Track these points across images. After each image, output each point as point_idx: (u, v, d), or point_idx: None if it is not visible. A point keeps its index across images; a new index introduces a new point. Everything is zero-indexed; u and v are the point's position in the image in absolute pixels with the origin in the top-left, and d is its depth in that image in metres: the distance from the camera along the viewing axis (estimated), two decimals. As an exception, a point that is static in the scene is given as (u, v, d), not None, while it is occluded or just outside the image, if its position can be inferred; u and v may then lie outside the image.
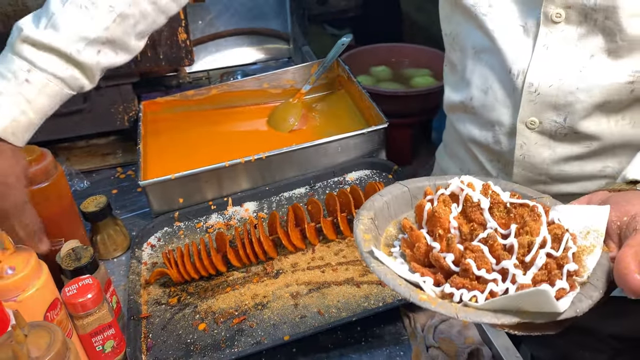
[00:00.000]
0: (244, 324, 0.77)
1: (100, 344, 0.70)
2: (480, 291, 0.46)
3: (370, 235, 0.52)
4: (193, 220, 0.98)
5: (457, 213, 0.51)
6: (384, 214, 0.57)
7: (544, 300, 0.43)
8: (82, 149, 1.18)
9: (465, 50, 0.80)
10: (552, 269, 0.46)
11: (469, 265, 0.46)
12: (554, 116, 0.72)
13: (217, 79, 1.41)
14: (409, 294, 0.46)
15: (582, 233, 0.51)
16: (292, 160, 1.01)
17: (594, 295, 0.47)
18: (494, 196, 0.51)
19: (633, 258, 0.45)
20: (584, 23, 0.66)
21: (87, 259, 0.74)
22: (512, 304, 0.45)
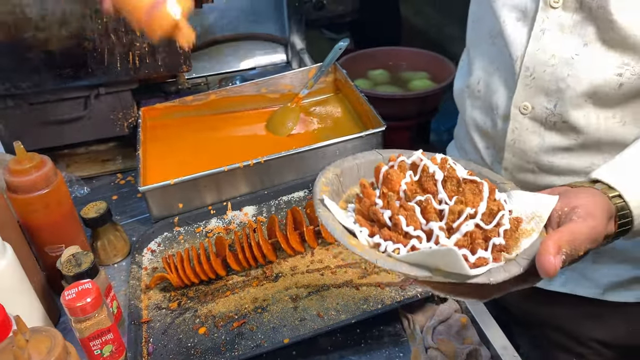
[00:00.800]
0: (244, 327, 0.78)
1: (99, 348, 0.70)
2: (404, 245, 0.49)
3: (330, 188, 0.56)
4: (193, 225, 0.98)
5: (409, 179, 0.53)
6: (352, 174, 0.61)
7: (453, 261, 0.46)
8: (82, 155, 1.19)
9: (481, 33, 0.82)
10: (476, 237, 0.50)
11: (398, 221, 0.50)
12: (545, 102, 0.74)
13: (216, 85, 1.42)
14: (341, 237, 0.50)
15: (528, 218, 0.54)
16: (291, 164, 1.02)
17: (513, 270, 0.49)
18: (449, 170, 0.54)
19: (554, 242, 0.48)
20: (580, 10, 0.68)
21: (87, 265, 0.75)
22: (428, 260, 0.48)
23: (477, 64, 0.83)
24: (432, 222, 0.50)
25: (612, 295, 0.83)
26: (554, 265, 0.47)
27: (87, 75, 1.05)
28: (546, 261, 0.47)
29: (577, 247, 0.49)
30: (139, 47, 1.05)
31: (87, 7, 0.99)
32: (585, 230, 0.50)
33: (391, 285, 0.80)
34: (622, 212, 0.54)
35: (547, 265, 0.47)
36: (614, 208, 0.54)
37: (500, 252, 0.51)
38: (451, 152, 1.03)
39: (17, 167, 0.77)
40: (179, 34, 0.69)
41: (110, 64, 1.05)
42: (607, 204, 0.53)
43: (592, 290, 0.83)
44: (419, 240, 0.49)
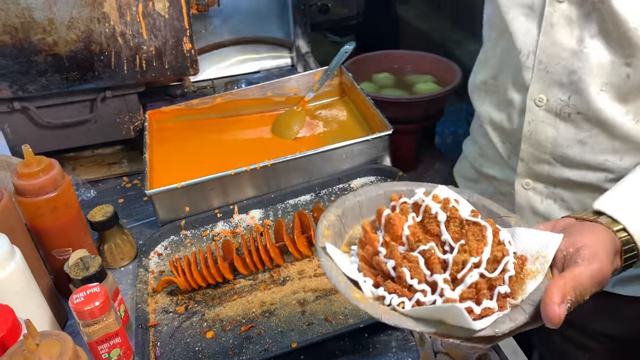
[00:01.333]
0: (252, 331, 0.77)
1: (107, 352, 0.70)
2: (409, 298, 0.49)
3: (332, 232, 0.55)
4: (199, 229, 0.98)
5: (412, 222, 0.53)
6: (355, 213, 0.59)
7: (458, 316, 0.45)
8: (88, 158, 1.19)
9: (493, 30, 0.84)
10: (481, 288, 0.49)
11: (402, 273, 0.49)
12: (559, 94, 0.75)
13: (222, 88, 1.42)
14: (345, 290, 0.49)
15: (533, 257, 0.53)
16: (297, 167, 1.02)
17: (518, 319, 0.49)
18: (452, 210, 0.53)
19: (558, 289, 0.47)
20: (584, 3, 0.69)
21: (95, 268, 0.75)
22: (432, 315, 0.47)
23: (491, 60, 0.85)
24: (436, 275, 0.49)
25: (622, 289, 0.83)
26: (559, 315, 0.46)
27: (93, 79, 1.06)
28: (551, 311, 0.46)
29: (582, 292, 0.49)
30: (145, 50, 1.05)
31: (95, 11, 0.99)
32: (590, 273, 0.49)
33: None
34: (628, 246, 0.54)
35: (552, 315, 0.46)
36: (619, 243, 0.53)
37: (506, 298, 0.50)
38: (467, 148, 1.05)
39: (25, 170, 0.76)
40: None
41: (117, 68, 1.06)
42: (612, 241, 0.53)
43: None
44: (423, 293, 0.49)
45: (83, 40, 1.01)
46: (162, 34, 1.05)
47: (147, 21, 1.03)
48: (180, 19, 1.04)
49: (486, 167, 0.96)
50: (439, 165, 1.81)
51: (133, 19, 1.02)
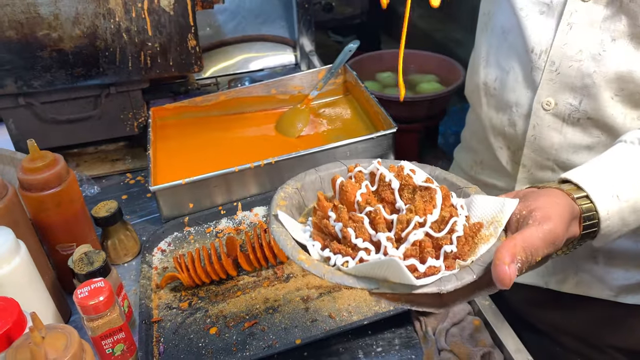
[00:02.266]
0: (255, 327, 0.77)
1: (110, 346, 0.70)
2: (352, 257, 0.49)
3: (288, 202, 0.57)
4: (203, 225, 0.98)
5: (365, 190, 0.53)
6: (316, 187, 0.61)
7: (397, 271, 0.46)
8: (92, 155, 1.19)
9: (494, 30, 0.81)
10: (426, 246, 0.49)
11: (347, 233, 0.50)
12: (570, 98, 0.72)
13: (225, 85, 1.42)
14: (291, 252, 0.50)
15: (488, 223, 0.53)
16: (302, 165, 1.01)
17: (465, 278, 0.48)
18: (405, 178, 0.53)
19: (508, 250, 0.46)
20: (611, 4, 0.66)
21: (99, 263, 0.75)
22: (374, 272, 0.48)
23: (491, 61, 0.82)
24: (380, 233, 0.49)
25: (626, 297, 0.82)
26: (509, 275, 0.46)
27: (98, 75, 1.06)
28: (501, 271, 0.46)
29: (533, 253, 0.48)
30: (150, 46, 1.05)
31: (100, 7, 0.99)
32: (541, 234, 0.48)
33: (403, 287, 0.80)
34: (588, 214, 0.53)
35: (502, 276, 0.46)
36: (579, 209, 0.53)
37: (455, 259, 0.50)
38: (460, 156, 1.01)
39: (30, 165, 0.77)
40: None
41: (121, 64, 1.06)
42: (568, 205, 0.52)
43: (605, 292, 0.82)
44: (367, 252, 0.49)
45: (88, 36, 1.01)
46: (167, 30, 1.05)
47: (152, 18, 1.03)
48: (185, 16, 1.04)
49: (483, 175, 0.93)
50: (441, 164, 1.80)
51: (138, 15, 1.02)
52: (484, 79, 0.84)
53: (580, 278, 0.83)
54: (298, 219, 0.57)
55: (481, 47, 0.86)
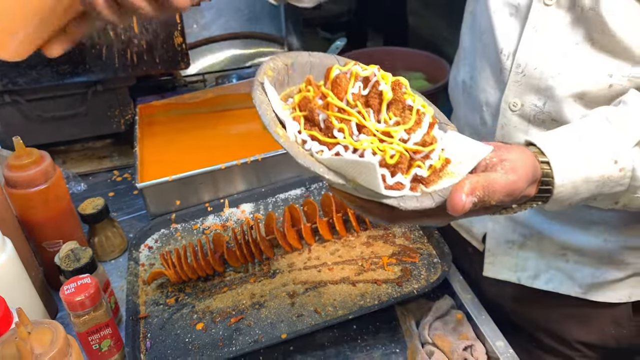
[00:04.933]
0: (242, 323, 0.78)
1: (97, 342, 0.71)
2: (329, 148, 0.49)
3: (274, 75, 0.55)
4: (190, 222, 0.98)
5: (357, 91, 0.52)
6: (304, 70, 0.59)
7: (371, 175, 0.46)
8: (79, 152, 1.19)
9: (474, 30, 0.82)
10: (400, 162, 0.49)
11: (332, 124, 0.49)
12: (535, 100, 0.74)
13: (213, 82, 1.42)
14: (269, 123, 0.49)
15: (457, 161, 0.54)
16: (288, 162, 1.02)
17: (425, 202, 0.50)
18: (398, 93, 0.53)
19: (470, 183, 0.49)
20: (572, 9, 0.68)
21: (86, 260, 0.75)
22: (346, 169, 0.47)
23: (468, 61, 0.84)
24: (363, 135, 0.49)
25: (594, 294, 0.84)
26: (463, 204, 0.48)
27: (84, 72, 1.06)
28: (457, 198, 0.48)
29: (491, 195, 0.50)
30: (136, 44, 1.05)
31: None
32: (504, 182, 0.51)
33: (388, 282, 0.81)
34: (546, 179, 0.56)
35: (457, 202, 0.48)
36: (540, 173, 0.56)
37: (419, 183, 0.51)
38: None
39: (16, 162, 0.77)
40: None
41: (108, 61, 1.06)
42: (533, 165, 0.55)
43: (574, 289, 0.84)
44: (345, 148, 0.49)
45: (74, 33, 1.01)
46: (153, 27, 1.05)
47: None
48: (171, 13, 1.05)
49: None
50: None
51: (124, 13, 1.02)
52: (462, 77, 0.86)
53: (551, 275, 0.85)
54: (280, 95, 0.55)
55: (463, 47, 0.88)
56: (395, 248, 0.87)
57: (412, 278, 0.81)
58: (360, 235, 0.90)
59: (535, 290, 0.87)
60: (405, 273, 0.82)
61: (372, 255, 0.86)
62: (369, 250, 0.87)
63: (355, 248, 0.88)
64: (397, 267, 0.83)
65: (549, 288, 0.86)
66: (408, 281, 0.81)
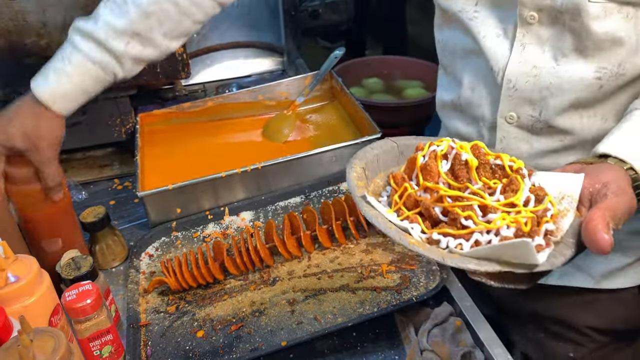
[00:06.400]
0: (242, 330, 0.79)
1: (98, 348, 0.71)
2: (466, 240, 0.49)
3: (363, 184, 0.56)
4: (190, 230, 0.99)
5: (446, 169, 0.53)
6: (374, 166, 0.60)
7: (525, 252, 0.46)
8: (80, 160, 1.20)
9: (455, 53, 0.85)
10: (532, 226, 0.50)
11: (457, 215, 0.49)
12: (530, 110, 0.76)
13: (213, 92, 1.43)
14: (399, 237, 0.49)
15: (557, 198, 0.55)
16: (288, 170, 1.03)
17: (567, 253, 0.50)
18: (481, 157, 0.54)
19: (601, 219, 0.49)
20: (555, 24, 0.71)
21: (86, 268, 0.76)
22: (494, 254, 0.48)
23: (458, 81, 0.85)
24: (491, 214, 0.49)
25: (606, 283, 0.86)
26: (609, 241, 0.48)
27: (86, 81, 1.06)
28: (601, 239, 0.48)
29: (618, 222, 0.51)
30: (138, 54, 1.06)
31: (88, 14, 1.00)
32: (622, 205, 0.51)
33: (387, 289, 0.81)
34: (636, 184, 0.56)
35: (602, 243, 0.48)
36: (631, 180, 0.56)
37: (548, 236, 0.51)
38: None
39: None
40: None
41: (109, 71, 1.06)
42: (629, 177, 0.55)
43: (587, 280, 0.86)
44: (481, 233, 0.49)
45: (76, 43, 1.02)
46: (155, 37, 1.06)
47: (140, 25, 1.04)
48: (172, 23, 1.06)
49: None
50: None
51: (126, 23, 1.03)
52: (452, 96, 0.88)
53: (563, 270, 0.87)
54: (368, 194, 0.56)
55: (445, 68, 0.90)
56: (394, 255, 0.87)
57: (411, 285, 0.82)
58: (360, 243, 0.91)
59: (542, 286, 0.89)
60: (404, 280, 0.83)
61: (372, 263, 0.86)
62: (368, 257, 0.88)
63: (355, 255, 0.88)
64: (396, 274, 0.84)
65: (562, 283, 0.88)
66: (407, 288, 0.81)
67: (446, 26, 0.85)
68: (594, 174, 0.55)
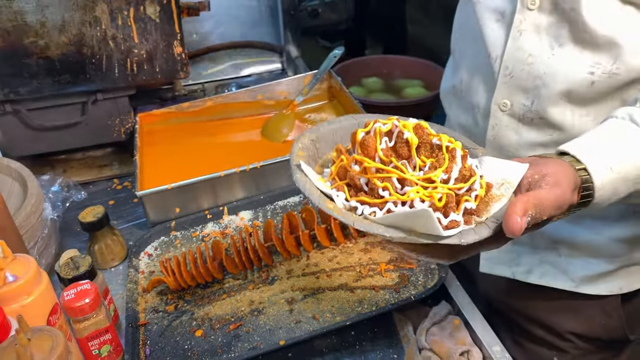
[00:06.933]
0: (240, 329, 0.79)
1: (97, 348, 0.71)
2: (380, 209, 0.51)
3: (305, 154, 0.58)
4: (189, 230, 0.99)
5: (385, 145, 0.54)
6: (328, 140, 0.62)
7: (428, 222, 0.48)
8: (79, 160, 1.20)
9: (464, 37, 0.86)
10: (449, 201, 0.51)
11: (375, 185, 0.51)
12: (523, 99, 0.77)
13: (212, 91, 1.43)
14: (319, 201, 0.52)
15: (498, 184, 0.56)
16: (287, 169, 1.02)
17: (482, 232, 0.52)
18: (423, 136, 0.55)
19: (522, 203, 0.50)
20: (554, 12, 0.71)
21: (85, 268, 0.76)
22: (403, 222, 0.50)
23: (461, 65, 0.87)
24: (407, 187, 0.51)
25: (587, 287, 0.86)
26: (520, 225, 0.49)
27: (85, 82, 1.07)
28: (513, 221, 0.49)
29: (542, 212, 0.52)
30: (136, 53, 1.07)
31: (87, 15, 1.00)
32: (552, 197, 0.52)
33: (386, 288, 0.82)
34: (586, 185, 0.57)
35: (514, 225, 0.49)
36: (580, 180, 0.57)
37: (471, 215, 0.53)
38: None
39: None
40: None
41: (108, 71, 1.07)
42: (573, 175, 0.56)
43: (567, 283, 0.87)
44: (394, 204, 0.51)
45: (75, 43, 1.02)
46: (153, 37, 1.06)
47: (138, 25, 1.04)
48: (171, 23, 1.06)
49: None
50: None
51: (124, 23, 1.03)
52: (454, 81, 0.89)
53: (545, 270, 0.87)
54: (314, 169, 0.58)
55: (454, 53, 0.91)
56: (392, 254, 0.87)
57: (410, 284, 0.82)
58: (358, 242, 0.91)
59: (528, 284, 0.89)
60: (402, 279, 0.83)
61: (370, 262, 0.86)
62: (366, 256, 0.88)
63: (353, 254, 0.88)
64: (395, 273, 0.84)
65: (542, 282, 0.88)
66: (405, 287, 0.81)
67: (462, 9, 0.86)
68: (538, 166, 0.56)
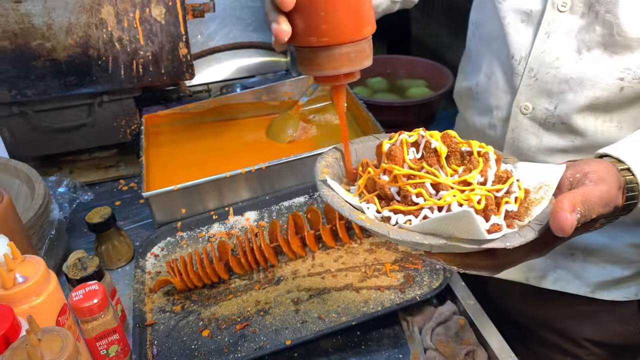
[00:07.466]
0: (247, 329, 0.79)
1: (105, 348, 0.72)
2: (415, 216, 0.49)
3: (330, 171, 0.57)
4: (195, 230, 1.00)
5: (413, 156, 0.53)
6: (352, 159, 0.61)
7: (469, 223, 0.45)
8: (86, 162, 1.21)
9: (482, 38, 0.84)
10: (489, 204, 0.49)
11: (408, 192, 0.49)
12: (546, 103, 0.75)
13: (217, 92, 1.44)
14: (349, 213, 0.50)
15: (536, 188, 0.54)
16: (292, 170, 1.04)
17: (528, 235, 0.48)
18: (452, 144, 0.53)
19: (569, 200, 0.47)
20: (587, 15, 0.69)
21: (93, 268, 0.77)
22: (442, 227, 0.47)
23: (478, 67, 0.85)
24: (442, 191, 0.49)
25: (602, 293, 0.85)
26: (570, 221, 0.46)
27: (91, 83, 1.07)
28: (562, 218, 0.46)
29: (590, 209, 0.48)
30: (142, 55, 1.07)
31: (93, 17, 1.01)
32: (599, 193, 0.49)
33: (391, 288, 0.82)
34: (630, 186, 0.54)
35: (563, 222, 0.46)
36: (623, 180, 0.54)
37: (513, 219, 0.50)
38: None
39: None
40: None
41: (114, 72, 1.08)
42: (616, 173, 0.53)
43: (582, 288, 0.85)
44: (431, 210, 0.49)
45: (81, 45, 1.03)
46: (159, 39, 1.07)
47: (144, 27, 1.05)
48: (176, 25, 1.07)
49: None
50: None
51: (130, 25, 1.04)
52: (470, 83, 0.88)
53: (559, 275, 0.86)
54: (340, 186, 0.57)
55: (470, 54, 0.90)
56: (398, 254, 0.88)
57: (415, 284, 0.82)
58: (363, 242, 0.91)
59: (540, 289, 0.88)
60: (408, 279, 0.83)
61: (375, 262, 0.87)
62: (372, 257, 0.88)
63: (359, 255, 0.89)
64: (400, 273, 0.84)
65: (556, 287, 0.87)
66: (411, 287, 0.82)
67: (480, 8, 0.85)
68: (578, 165, 0.54)
